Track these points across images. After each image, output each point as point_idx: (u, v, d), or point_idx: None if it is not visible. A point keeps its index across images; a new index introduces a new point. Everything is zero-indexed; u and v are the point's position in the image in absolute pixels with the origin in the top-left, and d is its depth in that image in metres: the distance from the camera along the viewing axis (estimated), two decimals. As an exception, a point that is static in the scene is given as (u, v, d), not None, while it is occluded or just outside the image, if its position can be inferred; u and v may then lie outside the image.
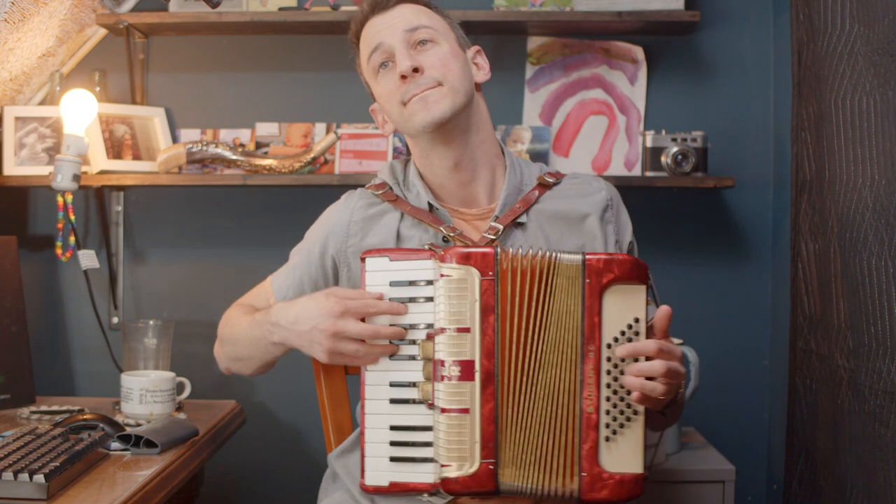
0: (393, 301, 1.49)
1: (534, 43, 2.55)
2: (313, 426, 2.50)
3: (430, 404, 1.46)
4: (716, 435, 2.50)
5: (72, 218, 2.37)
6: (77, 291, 2.55)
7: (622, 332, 1.43)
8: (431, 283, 1.47)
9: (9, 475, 1.45)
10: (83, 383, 2.57)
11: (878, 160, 1.70)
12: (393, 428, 1.48)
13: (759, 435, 2.56)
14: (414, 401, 1.47)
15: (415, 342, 1.48)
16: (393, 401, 1.49)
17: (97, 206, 2.57)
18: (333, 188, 2.36)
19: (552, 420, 1.44)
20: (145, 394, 2.03)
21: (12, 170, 2.41)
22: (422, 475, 1.47)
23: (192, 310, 2.56)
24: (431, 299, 1.47)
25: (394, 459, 1.48)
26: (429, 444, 1.46)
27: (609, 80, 2.55)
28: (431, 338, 1.46)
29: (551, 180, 1.67)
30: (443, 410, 1.44)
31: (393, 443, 1.48)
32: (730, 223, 2.55)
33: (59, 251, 2.38)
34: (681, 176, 2.37)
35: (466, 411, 1.44)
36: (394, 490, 1.48)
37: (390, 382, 1.49)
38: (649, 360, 1.41)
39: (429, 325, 1.47)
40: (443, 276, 1.45)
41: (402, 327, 1.48)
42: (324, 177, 2.39)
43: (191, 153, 2.40)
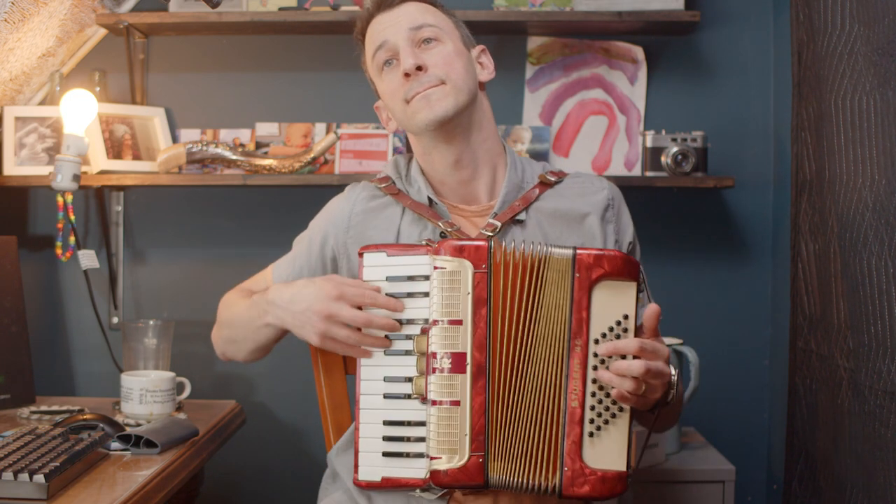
0: (390, 296, 1.49)
1: (534, 43, 2.55)
2: (313, 426, 2.50)
3: (424, 399, 1.46)
4: (716, 435, 2.50)
5: (72, 218, 2.37)
6: (77, 291, 2.55)
7: (610, 329, 1.43)
8: (428, 278, 1.47)
9: (9, 475, 1.45)
10: (83, 383, 2.57)
11: (878, 160, 1.70)
12: (386, 423, 1.48)
13: (759, 435, 2.55)
14: (408, 396, 1.47)
15: (410, 337, 1.48)
16: (387, 395, 1.49)
17: (97, 206, 2.57)
18: (333, 188, 2.35)
19: (539, 414, 1.44)
20: (145, 394, 2.03)
21: (12, 170, 2.41)
22: (414, 470, 1.46)
23: (192, 310, 2.56)
24: (428, 294, 1.47)
25: (386, 454, 1.47)
26: (422, 439, 1.46)
27: (609, 80, 2.55)
28: (426, 332, 1.46)
29: (553, 179, 1.67)
30: (434, 403, 1.44)
31: (386, 438, 1.48)
32: (730, 223, 2.55)
33: (59, 251, 2.38)
34: (681, 176, 2.36)
35: (457, 404, 1.44)
36: (386, 485, 1.48)
37: (385, 377, 1.49)
38: (636, 358, 1.40)
39: (425, 321, 1.47)
40: (437, 268, 1.46)
41: (399, 321, 1.48)
42: (324, 177, 2.39)
43: (191, 153, 2.40)
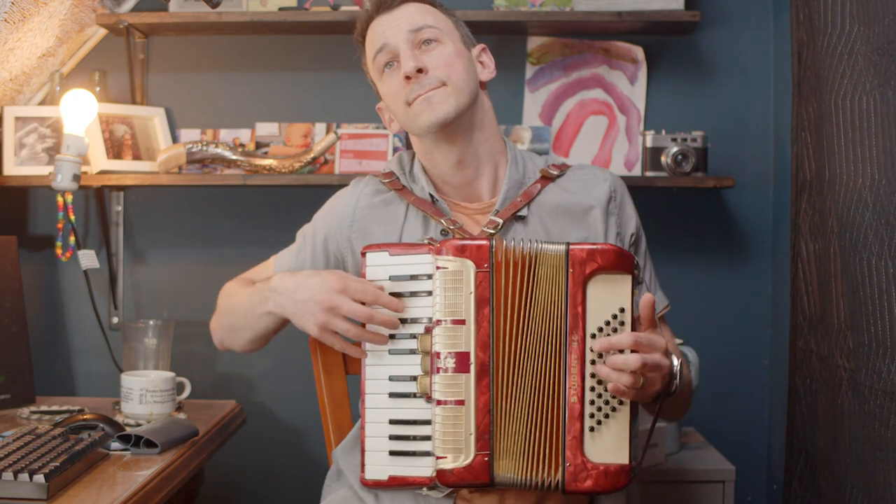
0: (393, 295, 1.49)
1: (534, 43, 2.55)
2: (313, 426, 2.50)
3: (429, 398, 1.46)
4: (716, 435, 2.50)
5: (72, 218, 2.37)
6: (77, 291, 2.55)
7: (607, 322, 1.43)
8: (431, 277, 1.48)
9: (9, 475, 1.45)
10: (83, 383, 2.57)
11: (878, 160, 1.70)
12: (392, 422, 1.48)
13: (759, 435, 2.55)
14: (413, 395, 1.48)
15: (415, 336, 1.48)
16: (392, 395, 1.49)
17: (97, 206, 2.57)
18: (333, 188, 2.34)
19: (540, 410, 1.44)
20: (145, 394, 2.03)
21: (12, 170, 2.41)
22: (421, 469, 1.47)
23: (192, 310, 2.56)
24: (431, 294, 1.47)
25: (393, 453, 1.48)
26: (428, 437, 1.46)
27: (609, 80, 2.55)
28: (429, 331, 1.47)
29: (555, 172, 1.67)
30: (438, 402, 1.44)
31: (392, 437, 1.48)
32: (730, 223, 2.55)
33: (59, 251, 2.38)
34: (681, 176, 2.36)
35: (462, 403, 1.44)
36: (393, 484, 1.48)
37: (390, 377, 1.49)
38: (634, 352, 1.40)
39: (429, 320, 1.47)
40: (439, 268, 1.46)
41: (403, 320, 1.49)
42: (324, 177, 2.39)
43: (191, 153, 2.40)
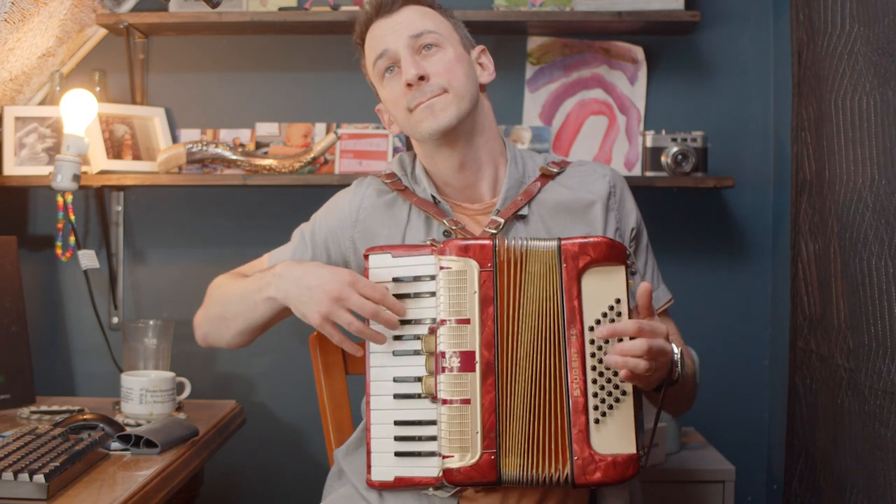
0: (396, 297, 1.49)
1: (534, 43, 2.55)
2: (313, 426, 2.50)
3: (434, 398, 1.47)
4: (716, 435, 2.50)
5: (72, 218, 2.37)
6: (77, 291, 2.55)
7: (604, 314, 1.44)
8: (434, 278, 1.48)
9: (9, 475, 1.45)
10: (83, 383, 2.57)
11: (878, 160, 1.70)
12: (397, 423, 1.49)
13: (759, 435, 2.55)
14: (418, 395, 1.48)
15: (418, 337, 1.49)
16: (397, 396, 1.49)
17: (97, 206, 2.57)
18: (333, 188, 2.34)
19: (544, 406, 1.44)
20: (145, 394, 2.03)
21: (12, 170, 2.41)
22: (427, 469, 1.47)
23: (193, 310, 2.52)
24: (434, 294, 1.48)
25: (399, 454, 1.49)
26: (433, 438, 1.47)
27: (609, 80, 2.55)
28: (434, 331, 1.47)
29: (554, 170, 1.67)
30: (444, 401, 1.45)
31: (397, 437, 1.49)
32: (730, 223, 2.55)
33: (59, 251, 2.38)
34: (681, 176, 2.36)
35: (468, 402, 1.44)
36: (399, 485, 1.49)
37: (394, 378, 1.50)
38: (633, 339, 1.40)
39: (433, 320, 1.48)
40: (442, 268, 1.47)
41: (408, 321, 1.49)
42: (324, 177, 2.39)
43: (191, 153, 2.40)
